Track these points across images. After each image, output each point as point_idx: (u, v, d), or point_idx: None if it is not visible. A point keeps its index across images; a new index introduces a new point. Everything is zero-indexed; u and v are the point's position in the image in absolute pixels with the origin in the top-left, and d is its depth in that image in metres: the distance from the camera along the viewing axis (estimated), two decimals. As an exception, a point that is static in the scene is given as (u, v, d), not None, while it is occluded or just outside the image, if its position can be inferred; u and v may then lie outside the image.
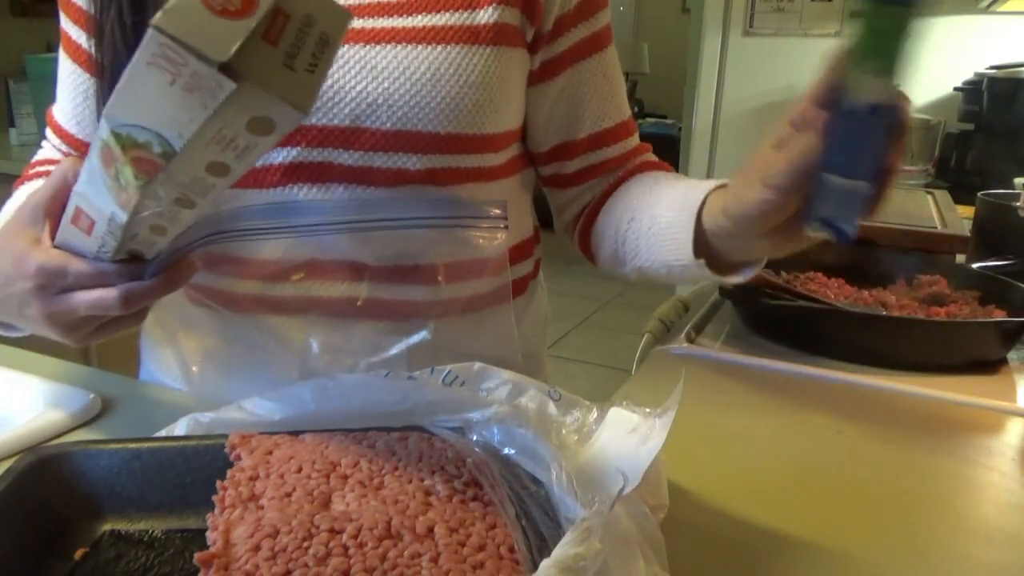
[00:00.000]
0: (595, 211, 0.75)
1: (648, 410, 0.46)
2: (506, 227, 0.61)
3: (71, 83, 0.71)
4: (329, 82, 0.62)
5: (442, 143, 0.64)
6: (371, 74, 0.62)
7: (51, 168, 0.69)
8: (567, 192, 0.77)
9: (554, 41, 0.69)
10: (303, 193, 0.63)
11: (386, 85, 0.62)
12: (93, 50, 0.64)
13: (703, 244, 0.60)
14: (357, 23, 0.63)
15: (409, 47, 0.62)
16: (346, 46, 0.62)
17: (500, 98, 0.66)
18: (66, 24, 0.69)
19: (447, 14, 0.63)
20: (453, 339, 0.68)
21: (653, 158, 0.77)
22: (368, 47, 0.62)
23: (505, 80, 0.66)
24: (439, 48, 0.62)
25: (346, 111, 0.62)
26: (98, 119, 0.64)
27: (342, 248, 0.65)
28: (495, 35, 0.64)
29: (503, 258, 0.68)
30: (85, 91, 0.70)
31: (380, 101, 0.62)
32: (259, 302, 0.67)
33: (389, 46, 0.62)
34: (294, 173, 0.63)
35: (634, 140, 0.76)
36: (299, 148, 0.63)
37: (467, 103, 0.63)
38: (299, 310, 0.66)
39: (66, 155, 0.75)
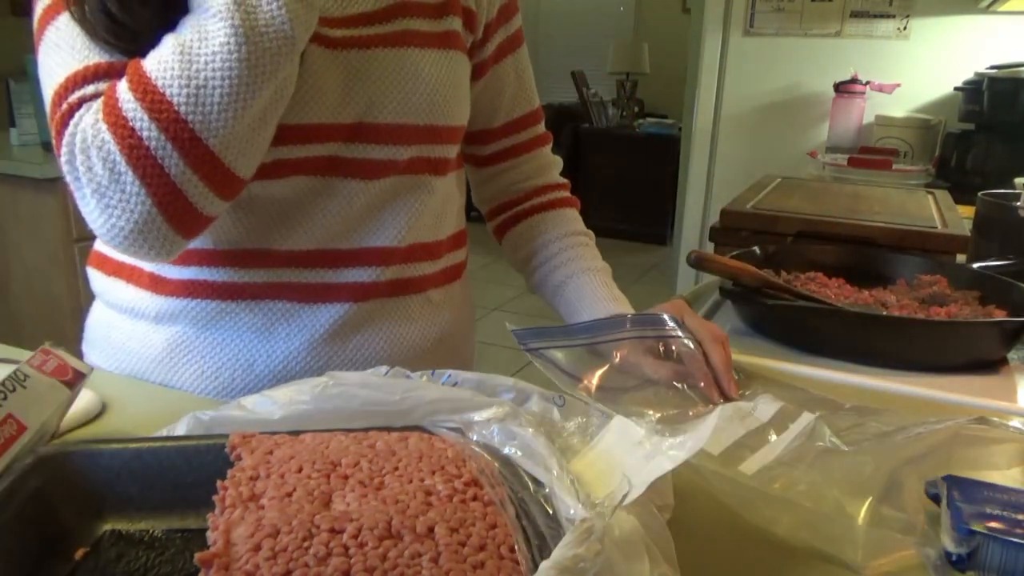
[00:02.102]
0: (515, 220, 0.90)
1: (656, 424, 0.46)
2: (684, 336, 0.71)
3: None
4: (341, 85, 0.68)
5: (425, 134, 0.73)
6: (371, 76, 0.69)
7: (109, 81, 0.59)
8: (483, 171, 0.90)
9: (483, 47, 0.80)
10: (308, 184, 0.69)
11: (382, 85, 0.69)
12: None
13: None
14: (352, 31, 0.69)
15: (395, 50, 0.70)
16: (345, 51, 0.68)
17: (461, 94, 0.76)
18: None
19: (418, 20, 0.72)
20: (451, 297, 0.82)
21: (562, 193, 0.91)
22: (364, 51, 0.69)
23: (462, 79, 0.76)
24: (416, 50, 0.71)
25: (351, 110, 0.68)
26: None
27: (374, 236, 0.73)
28: (453, 41, 0.74)
29: (463, 235, 0.85)
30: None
31: (378, 99, 0.69)
32: (277, 288, 0.71)
33: (380, 49, 0.70)
34: (303, 167, 0.69)
35: (540, 128, 0.91)
36: (312, 145, 0.68)
37: (440, 98, 0.72)
38: (317, 296, 0.72)
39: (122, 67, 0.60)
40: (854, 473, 0.54)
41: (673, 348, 0.69)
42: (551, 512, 0.41)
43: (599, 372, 0.66)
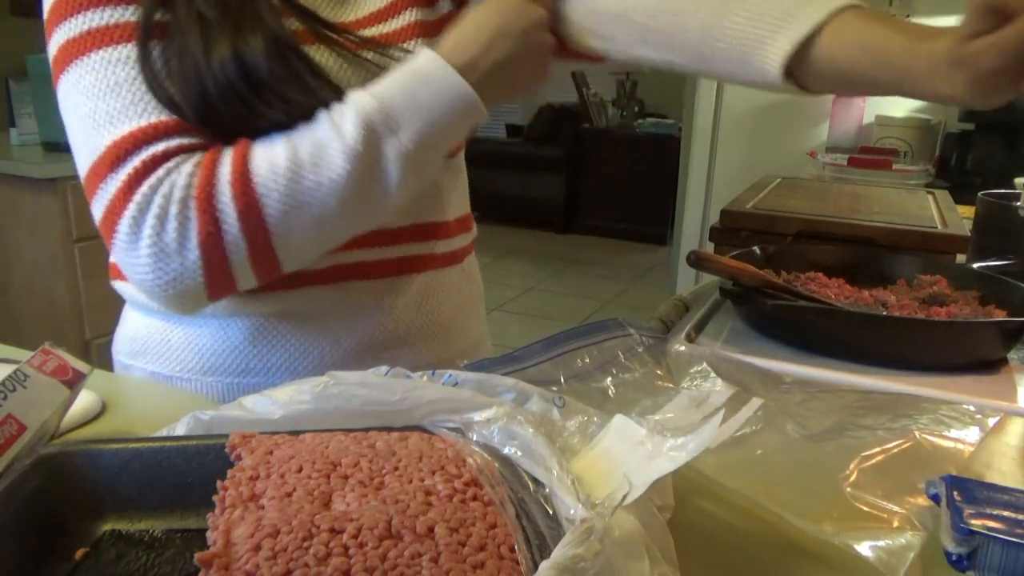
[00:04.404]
0: None
1: (655, 422, 0.46)
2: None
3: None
4: (360, 84, 0.68)
5: None
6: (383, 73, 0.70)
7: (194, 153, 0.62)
8: None
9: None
10: None
11: None
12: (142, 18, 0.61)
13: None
14: (366, 31, 0.70)
15: (410, 43, 0.71)
16: (364, 52, 0.69)
17: None
18: (96, 17, 0.62)
19: (423, 10, 0.73)
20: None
21: None
22: (380, 50, 0.70)
23: None
24: (428, 40, 0.71)
25: None
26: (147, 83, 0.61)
27: (423, 212, 0.77)
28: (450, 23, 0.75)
29: (469, 218, 0.87)
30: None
31: None
32: (340, 270, 0.73)
33: (393, 48, 0.70)
34: None
35: None
36: None
37: None
38: (381, 271, 0.75)
39: (193, 144, 0.63)
40: (822, 465, 0.55)
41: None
42: (551, 512, 0.41)
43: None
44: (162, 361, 0.76)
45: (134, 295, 0.77)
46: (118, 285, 0.78)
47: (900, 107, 2.82)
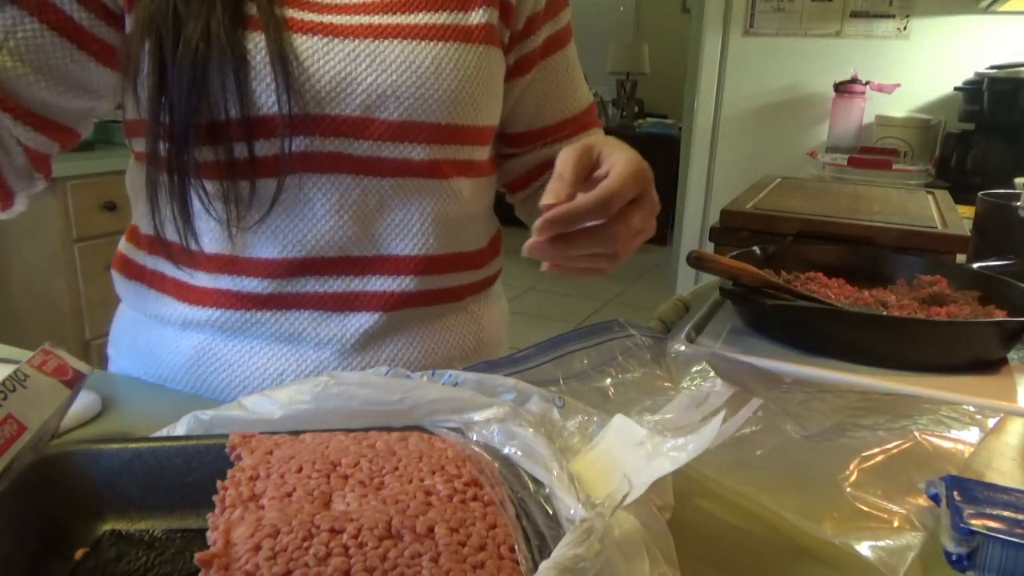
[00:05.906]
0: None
1: (655, 422, 0.46)
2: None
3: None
4: (342, 74, 0.65)
5: (444, 133, 0.68)
6: (380, 66, 0.65)
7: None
8: (514, 162, 0.86)
9: (526, 39, 0.76)
10: (313, 182, 0.66)
11: (394, 77, 0.65)
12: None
13: None
14: (365, 19, 0.66)
15: (413, 42, 0.66)
16: (356, 40, 0.65)
17: (491, 92, 0.72)
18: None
19: (444, 14, 0.68)
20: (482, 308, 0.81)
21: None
22: (376, 41, 0.65)
23: (493, 76, 0.72)
24: (439, 44, 0.67)
25: (357, 102, 0.65)
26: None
27: (398, 242, 0.70)
28: (484, 35, 0.70)
29: (499, 235, 0.83)
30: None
31: (389, 92, 0.65)
32: (303, 298, 0.70)
33: (395, 41, 0.66)
34: (306, 162, 0.66)
35: (590, 128, 0.86)
36: (312, 138, 0.65)
37: (465, 95, 0.68)
38: (344, 304, 0.70)
39: None
40: (822, 465, 0.55)
41: None
42: (551, 512, 0.41)
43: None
44: (130, 360, 0.77)
45: (121, 285, 0.77)
46: (112, 273, 0.79)
47: (900, 107, 2.83)
